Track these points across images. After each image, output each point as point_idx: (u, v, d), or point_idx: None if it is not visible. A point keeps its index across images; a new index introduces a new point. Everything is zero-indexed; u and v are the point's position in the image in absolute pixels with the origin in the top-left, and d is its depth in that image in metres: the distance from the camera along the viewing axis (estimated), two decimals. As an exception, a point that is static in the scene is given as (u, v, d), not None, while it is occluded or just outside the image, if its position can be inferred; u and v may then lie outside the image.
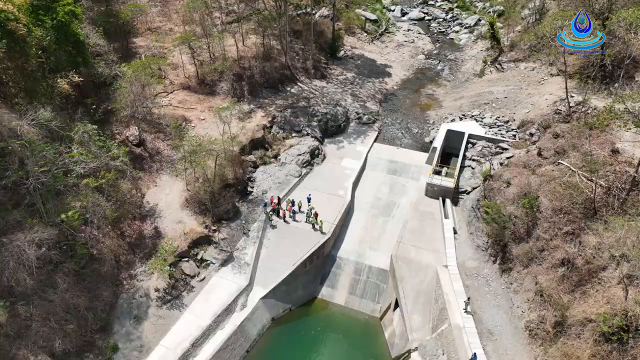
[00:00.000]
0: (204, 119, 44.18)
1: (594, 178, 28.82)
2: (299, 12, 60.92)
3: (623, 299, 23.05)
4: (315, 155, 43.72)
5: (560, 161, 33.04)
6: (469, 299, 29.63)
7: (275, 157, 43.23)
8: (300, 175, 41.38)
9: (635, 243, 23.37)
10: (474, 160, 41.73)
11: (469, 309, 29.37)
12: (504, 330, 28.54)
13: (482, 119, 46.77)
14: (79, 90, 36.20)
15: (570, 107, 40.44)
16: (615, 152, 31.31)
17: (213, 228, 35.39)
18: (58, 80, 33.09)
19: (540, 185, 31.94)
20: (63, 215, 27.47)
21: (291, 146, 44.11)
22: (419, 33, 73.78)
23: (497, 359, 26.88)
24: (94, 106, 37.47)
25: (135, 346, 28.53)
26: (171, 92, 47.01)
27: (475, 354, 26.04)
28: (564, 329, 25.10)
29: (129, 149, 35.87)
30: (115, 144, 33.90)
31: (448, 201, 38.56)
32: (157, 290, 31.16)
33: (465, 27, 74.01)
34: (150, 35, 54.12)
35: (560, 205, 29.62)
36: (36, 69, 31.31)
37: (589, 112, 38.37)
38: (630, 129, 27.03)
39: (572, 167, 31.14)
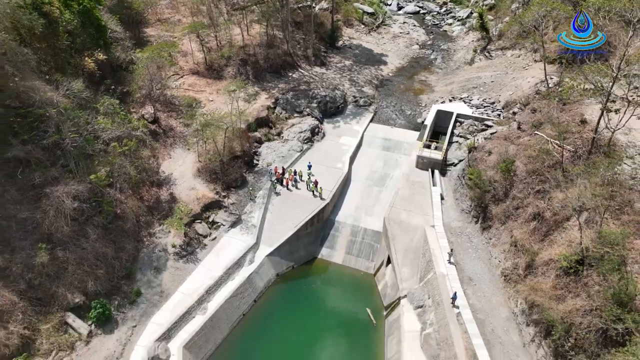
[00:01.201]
0: (212, 100, 47.81)
1: (563, 144, 32.48)
2: (299, 5, 64.58)
3: (579, 240, 26.68)
4: (315, 133, 47.41)
5: (536, 132, 36.73)
6: (452, 250, 33.33)
7: (279, 134, 46.95)
8: (301, 150, 45.04)
9: (592, 195, 26.96)
10: (461, 136, 45.38)
11: (452, 260, 33.03)
12: (483, 277, 32.22)
13: (470, 100, 50.43)
14: (100, 69, 39.80)
15: (548, 87, 44.06)
16: (583, 122, 34.93)
17: (223, 194, 39.07)
18: (85, 59, 36.72)
19: (517, 152, 35.66)
20: (92, 176, 31.09)
21: (293, 125, 47.81)
22: (414, 25, 77.58)
23: (475, 300, 30.54)
24: (112, 87, 41.13)
25: (156, 292, 32.17)
26: (182, 77, 50.72)
27: (455, 293, 29.68)
28: (532, 270, 28.76)
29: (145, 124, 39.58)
30: (135, 118, 37.57)
31: (437, 172, 42.25)
32: (174, 246, 34.80)
33: (458, 20, 77.85)
34: (160, 26, 57.97)
35: (533, 167, 33.31)
36: (65, 48, 34.98)
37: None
38: (590, 97, 30.68)
39: (545, 136, 34.83)
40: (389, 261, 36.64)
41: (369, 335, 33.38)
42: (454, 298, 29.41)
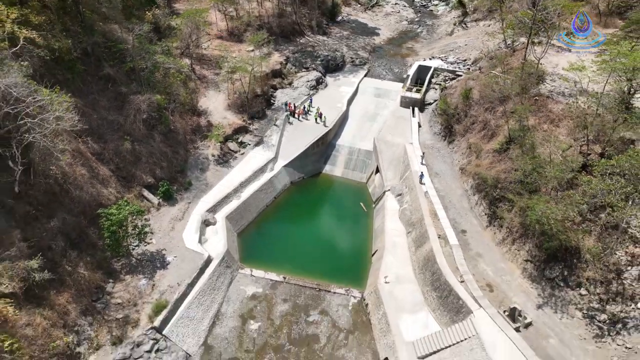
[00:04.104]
0: (235, 57, 58.52)
1: (507, 77, 43.43)
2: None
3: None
4: (319, 83, 58.38)
5: (491, 71, 47.69)
6: (423, 153, 44.31)
7: (290, 84, 57.88)
8: (308, 94, 55.98)
9: (521, 107, 37.76)
10: (437, 84, 56.37)
11: (424, 161, 43.98)
12: (446, 172, 43.23)
13: (447, 59, 61.42)
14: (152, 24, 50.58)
15: (507, 44, 55.03)
16: (525, 60, 45.85)
17: (248, 122, 50.00)
18: (145, 13, 47.58)
19: (475, 85, 46.65)
20: (156, 97, 41.91)
21: (301, 77, 58.78)
22: (405, 6, 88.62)
23: (439, 185, 41.50)
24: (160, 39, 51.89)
25: (203, 184, 43.03)
26: (209, 40, 61.55)
27: (422, 173, 40.72)
28: (479, 158, 39.74)
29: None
30: (180, 61, 48.44)
31: (416, 109, 53.22)
32: (213, 155, 45.68)
33: (443, 0, 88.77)
34: (187, 2, 68.68)
35: (485, 93, 44.26)
36: (129, 4, 45.83)
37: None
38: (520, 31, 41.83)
39: (496, 72, 45.79)
40: (377, 171, 47.58)
41: (362, 219, 44.32)
42: (421, 176, 40.42)
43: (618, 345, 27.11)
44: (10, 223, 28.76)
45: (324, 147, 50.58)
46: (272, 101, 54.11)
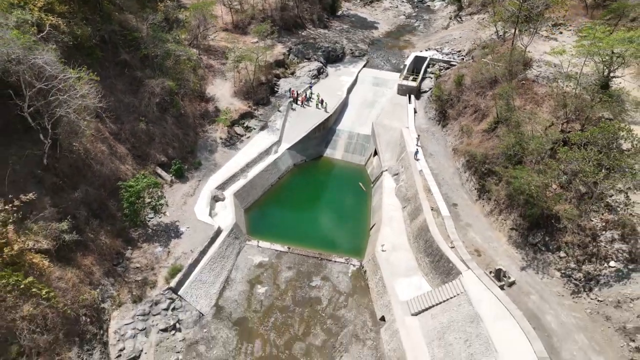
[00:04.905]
0: (241, 47, 61.41)
1: (497, 63, 46.30)
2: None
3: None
4: (320, 72, 61.28)
5: (483, 59, 50.56)
6: (419, 136, 47.18)
7: (292, 73, 60.75)
8: (310, 83, 58.83)
9: (507, 86, 40.67)
10: (433, 73, 59.23)
11: (419, 143, 46.84)
12: (439, 152, 46.11)
13: (442, 50, 64.29)
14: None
15: (499, 35, 57.90)
16: (514, 49, 48.71)
17: (254, 108, 52.90)
18: (158, 3, 50.46)
19: (467, 73, 49.51)
20: (168, 82, 44.76)
21: (303, 67, 61.65)
22: (402, 1, 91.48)
23: (433, 164, 44.36)
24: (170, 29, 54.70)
25: (212, 164, 45.90)
26: (215, 32, 64.40)
27: (417, 150, 43.62)
28: (470, 137, 42.61)
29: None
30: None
31: (412, 96, 56.09)
32: (220, 138, 48.57)
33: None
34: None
35: (476, 79, 47.14)
36: (143, -3, 48.77)
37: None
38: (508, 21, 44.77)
39: (487, 60, 48.67)
40: (375, 153, 50.45)
41: (360, 197, 47.20)
42: (416, 152, 43.35)
43: (591, 299, 30.00)
44: (41, 191, 31.60)
45: (325, 131, 53.45)
46: (275, 89, 56.99)
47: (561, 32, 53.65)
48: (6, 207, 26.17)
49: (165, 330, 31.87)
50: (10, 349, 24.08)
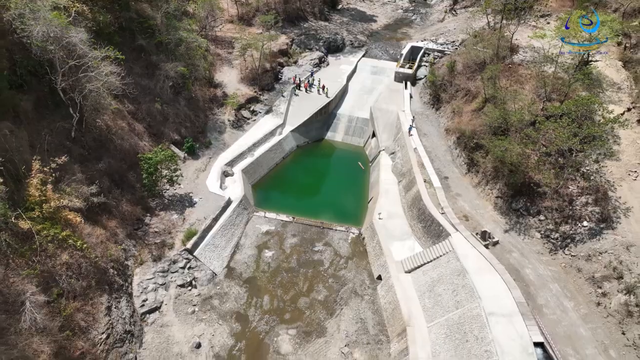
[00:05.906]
0: (246, 38, 64.86)
1: (487, 49, 49.73)
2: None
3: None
4: (322, 61, 64.66)
5: (474, 47, 53.95)
6: (414, 117, 50.57)
7: (295, 62, 64.13)
8: (312, 71, 62.19)
9: (493, 66, 44.05)
10: (428, 62, 62.62)
11: (414, 124, 50.25)
12: (433, 133, 49.53)
13: (437, 40, 67.66)
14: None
15: (490, 26, 61.28)
16: (502, 36, 52.11)
17: (259, 93, 56.29)
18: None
19: (459, 59, 52.91)
20: (180, 68, 48.15)
21: (305, 56, 65.04)
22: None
23: (426, 143, 47.76)
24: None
25: (221, 143, 49.31)
26: (222, 23, 67.79)
27: (410, 126, 47.03)
28: (460, 117, 46.03)
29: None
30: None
31: (409, 83, 59.49)
32: (229, 120, 51.97)
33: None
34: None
35: (468, 63, 50.52)
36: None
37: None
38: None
39: (478, 47, 52.08)
40: (373, 135, 53.84)
41: (360, 175, 50.62)
42: (410, 128, 46.80)
43: (565, 254, 33.45)
44: (70, 160, 35.01)
45: (326, 115, 56.83)
46: (279, 76, 60.36)
47: (548, 23, 56.98)
48: (45, 168, 29.57)
49: (182, 286, 35.28)
50: (52, 290, 27.46)
